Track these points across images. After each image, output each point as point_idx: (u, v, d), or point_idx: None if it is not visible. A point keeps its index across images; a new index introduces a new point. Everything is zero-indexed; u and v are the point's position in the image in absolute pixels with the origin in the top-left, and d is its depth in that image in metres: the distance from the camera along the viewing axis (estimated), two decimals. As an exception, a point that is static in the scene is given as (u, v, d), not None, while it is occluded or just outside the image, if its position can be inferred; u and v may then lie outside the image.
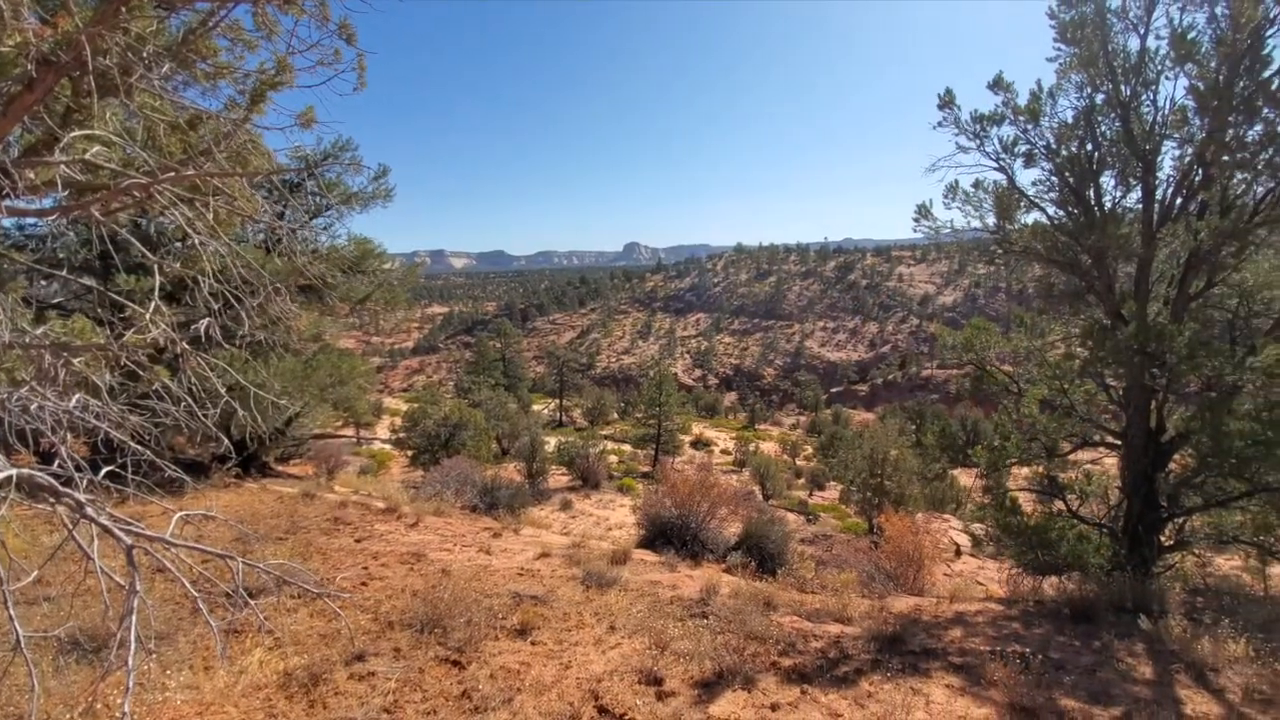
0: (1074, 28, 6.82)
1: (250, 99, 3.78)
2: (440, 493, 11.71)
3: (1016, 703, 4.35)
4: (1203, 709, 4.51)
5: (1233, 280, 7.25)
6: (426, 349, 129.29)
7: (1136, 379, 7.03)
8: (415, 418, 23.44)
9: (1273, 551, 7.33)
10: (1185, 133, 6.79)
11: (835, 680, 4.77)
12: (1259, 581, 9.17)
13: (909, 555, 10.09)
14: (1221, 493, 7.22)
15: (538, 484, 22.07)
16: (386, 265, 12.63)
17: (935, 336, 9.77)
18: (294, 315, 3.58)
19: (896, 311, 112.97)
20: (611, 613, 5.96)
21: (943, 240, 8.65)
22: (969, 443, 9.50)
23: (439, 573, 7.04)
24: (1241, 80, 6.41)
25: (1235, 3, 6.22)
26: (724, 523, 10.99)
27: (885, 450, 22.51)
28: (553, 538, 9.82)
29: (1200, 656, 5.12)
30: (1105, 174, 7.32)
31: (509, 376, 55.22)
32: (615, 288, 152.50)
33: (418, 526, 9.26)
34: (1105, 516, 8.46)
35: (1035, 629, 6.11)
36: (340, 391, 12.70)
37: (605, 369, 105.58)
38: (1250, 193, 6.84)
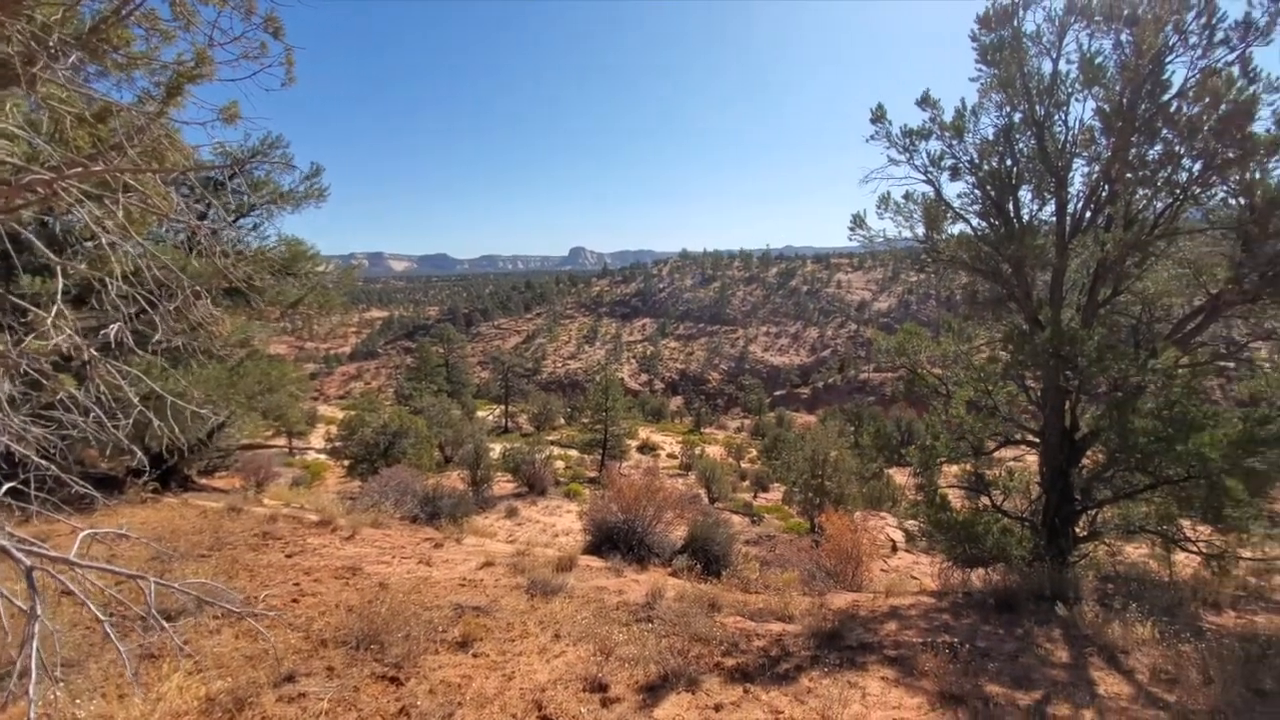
0: (993, 50, 7.24)
1: (167, 92, 3.58)
2: (378, 503, 11.32)
3: (946, 691, 4.55)
4: (1114, 689, 4.82)
5: (1136, 288, 7.84)
6: (365, 354, 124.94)
7: (1052, 381, 7.48)
8: (352, 426, 22.62)
9: (1175, 540, 7.92)
10: (1093, 151, 7.30)
11: (777, 678, 4.86)
12: (1164, 568, 9.87)
13: (848, 553, 10.41)
14: (1129, 486, 7.76)
15: (482, 492, 21.63)
16: (320, 267, 12.13)
17: (871, 341, 10.16)
18: (216, 320, 3.40)
19: (836, 317, 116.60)
20: (556, 621, 5.90)
21: (877, 249, 8.99)
22: (903, 443, 9.90)
23: (376, 586, 6.80)
24: (1143, 103, 6.95)
25: (1138, 31, 6.74)
26: (670, 526, 11.07)
27: (826, 451, 23.15)
28: (497, 546, 9.64)
29: (1111, 640, 5.48)
30: (1023, 188, 7.78)
31: (452, 382, 54.00)
32: (561, 292, 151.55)
33: (354, 539, 8.93)
34: (1026, 510, 8.96)
35: (964, 619, 6.40)
36: (270, 399, 12.11)
37: (551, 374, 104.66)
38: (1151, 208, 7.41)
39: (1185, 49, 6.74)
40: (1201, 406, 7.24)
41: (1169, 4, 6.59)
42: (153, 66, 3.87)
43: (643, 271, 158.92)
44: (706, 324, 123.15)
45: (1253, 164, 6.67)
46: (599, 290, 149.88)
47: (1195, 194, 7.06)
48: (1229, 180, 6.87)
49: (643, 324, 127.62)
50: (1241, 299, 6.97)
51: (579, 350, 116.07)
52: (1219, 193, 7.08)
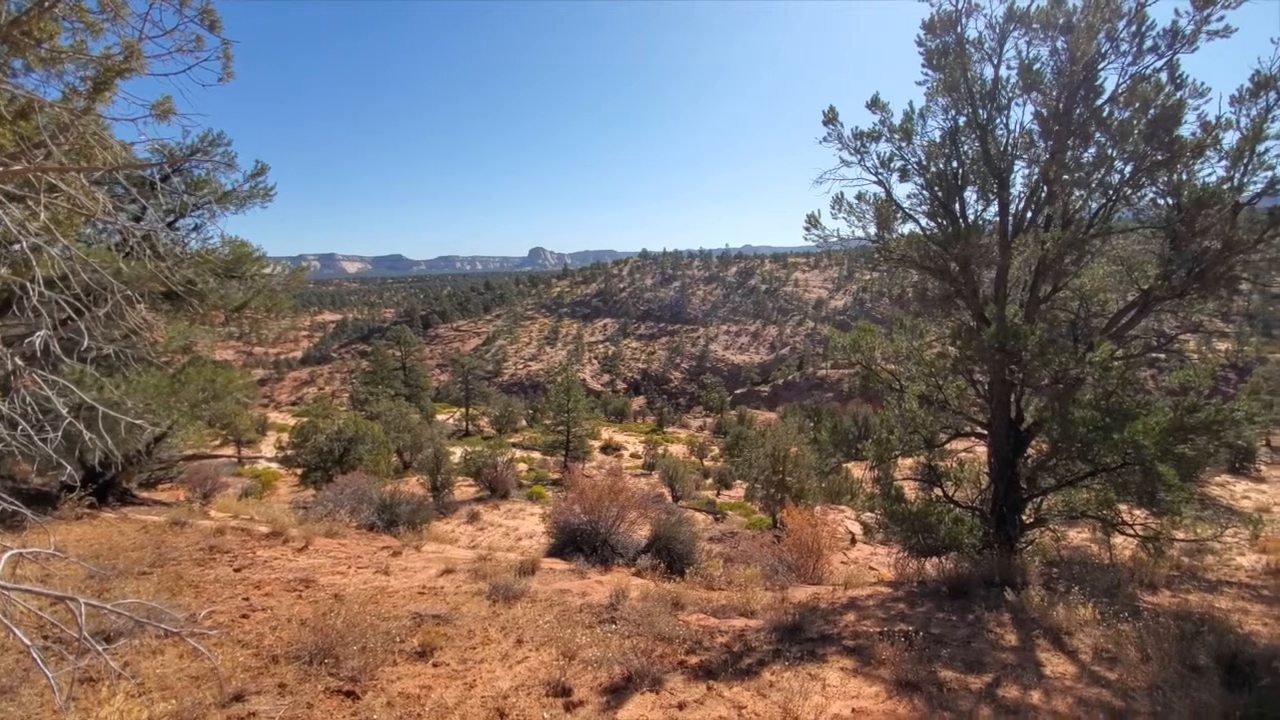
0: (938, 55, 7.46)
1: (94, 87, 3.40)
2: (333, 512, 11.00)
3: (902, 679, 4.67)
4: (1060, 669, 5.03)
5: (1074, 285, 8.19)
6: (318, 359, 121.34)
7: (998, 375, 7.76)
8: (305, 433, 21.92)
9: (1113, 524, 8.31)
10: (1033, 154, 7.60)
11: (739, 673, 4.91)
12: (1104, 551, 10.34)
13: (808, 547, 10.60)
14: (1070, 474, 8.10)
15: (443, 497, 21.24)
16: (267, 269, 11.70)
17: (828, 339, 10.38)
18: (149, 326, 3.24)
19: (794, 315, 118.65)
20: (519, 626, 5.83)
21: (832, 248, 9.18)
22: (860, 437, 10.11)
23: (331, 598, 6.60)
24: (1078, 108, 7.26)
25: (1072, 38, 7.04)
26: (633, 526, 11.07)
27: (786, 448, 23.50)
28: (458, 552, 9.48)
29: (1056, 622, 5.71)
30: (968, 189, 8.05)
31: (410, 386, 52.86)
32: (521, 293, 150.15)
33: (307, 550, 8.65)
34: (976, 500, 9.26)
35: (919, 608, 6.58)
36: (215, 407, 11.62)
37: (512, 376, 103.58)
38: (1086, 208, 7.75)
39: (1117, 56, 7.08)
40: (1135, 397, 7.62)
41: (1102, 13, 6.91)
42: (80, 60, 3.68)
43: (603, 271, 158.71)
44: (667, 323, 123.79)
45: (1180, 166, 7.05)
46: (560, 291, 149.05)
47: (1127, 195, 7.42)
48: (1158, 181, 7.24)
49: (604, 324, 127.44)
50: (1170, 294, 7.36)
51: (540, 351, 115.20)
52: (1149, 193, 7.46)
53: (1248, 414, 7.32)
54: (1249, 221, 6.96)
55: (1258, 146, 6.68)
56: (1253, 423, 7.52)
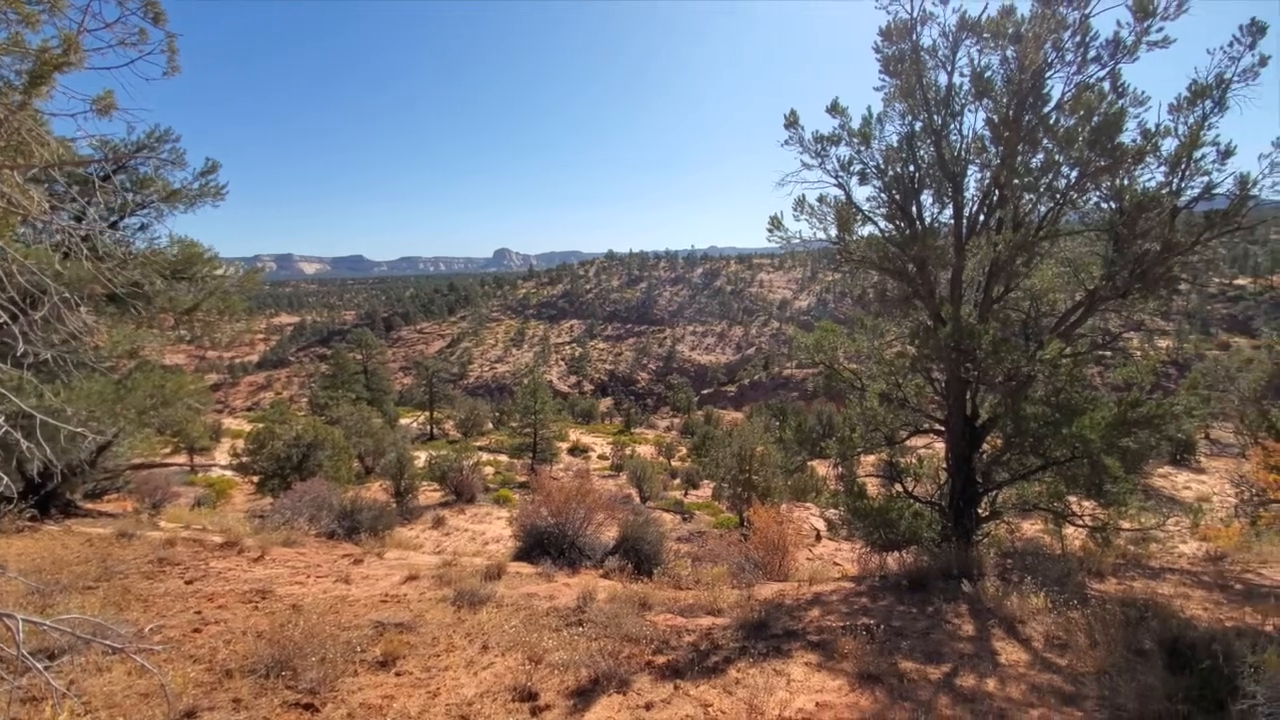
0: (895, 62, 7.65)
1: (30, 80, 3.24)
2: (291, 520, 10.70)
3: (864, 671, 4.76)
4: (1014, 657, 5.20)
5: (1025, 286, 8.48)
6: (275, 363, 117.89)
7: (954, 373, 7.99)
8: (261, 439, 21.25)
9: (1064, 515, 8.63)
10: (985, 159, 7.85)
11: (706, 671, 4.94)
12: (1056, 541, 10.73)
13: (775, 544, 10.73)
14: (1023, 468, 8.39)
15: (407, 502, 20.85)
16: (219, 270, 11.31)
17: (792, 339, 10.52)
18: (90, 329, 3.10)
19: (759, 315, 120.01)
20: (484, 631, 5.76)
21: (794, 249, 9.30)
22: (823, 435, 10.30)
23: (289, 609, 6.42)
24: (1027, 115, 7.53)
25: (1021, 47, 7.30)
26: (601, 528, 11.05)
27: (752, 447, 23.76)
28: (422, 558, 9.32)
29: (1011, 611, 5.90)
30: (925, 192, 8.26)
31: (372, 390, 51.73)
32: (486, 295, 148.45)
33: (263, 560, 8.39)
34: (935, 495, 9.51)
35: (881, 601, 6.73)
36: (165, 414, 11.19)
37: (478, 379, 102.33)
38: (1035, 211, 8.04)
39: (1063, 65, 7.36)
40: (1083, 393, 7.93)
41: (1048, 23, 7.17)
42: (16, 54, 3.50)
43: (569, 273, 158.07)
44: (634, 324, 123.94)
45: (1121, 172, 7.36)
46: (525, 292, 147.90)
47: (1073, 199, 7.72)
48: (1101, 186, 7.55)
49: (570, 325, 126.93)
50: (1114, 294, 7.68)
51: (506, 353, 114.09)
52: (1093, 198, 7.77)
53: (1187, 408, 7.69)
54: (1186, 225, 7.31)
55: (1194, 153, 7.02)
56: (1191, 416, 7.90)
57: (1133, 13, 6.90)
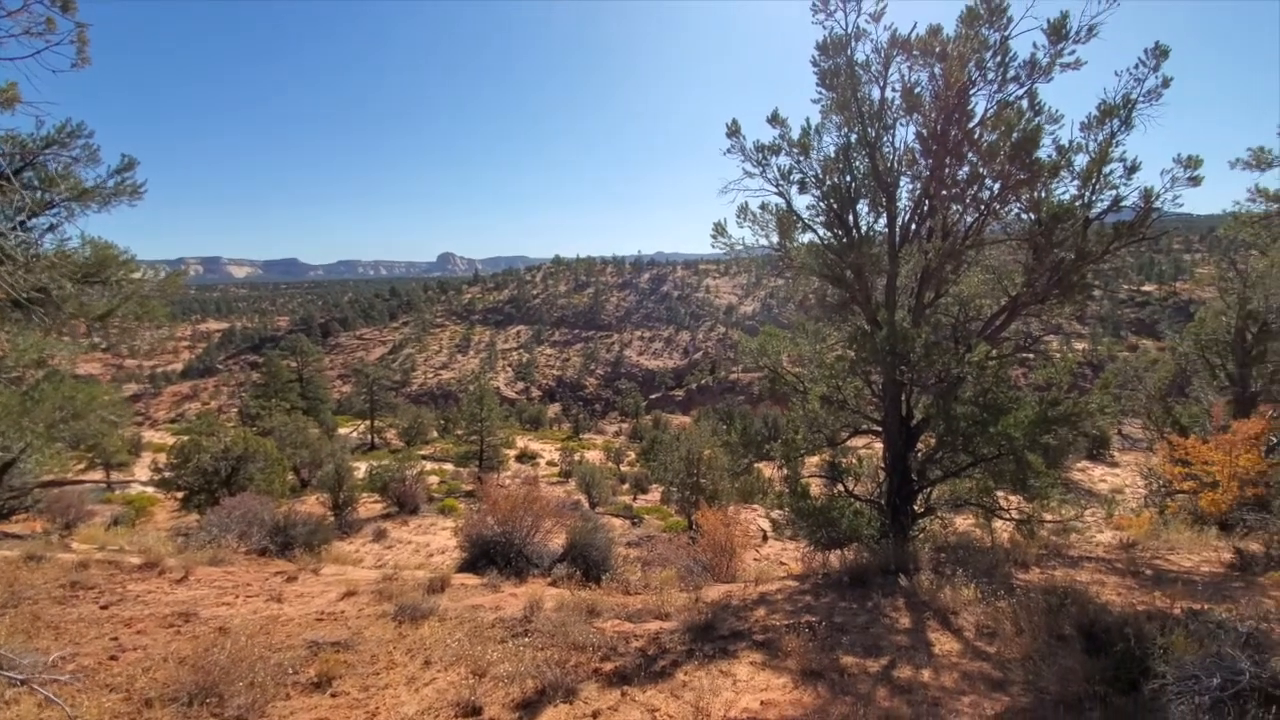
0: (831, 75, 7.92)
1: (-87, 66, 2.98)
2: (218, 538, 10.14)
3: (807, 668, 4.87)
4: (947, 647, 5.42)
5: (954, 292, 8.90)
6: (201, 371, 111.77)
7: (890, 375, 8.30)
8: (186, 452, 20.05)
9: (992, 509, 9.08)
10: (915, 170, 8.21)
11: (653, 676, 4.95)
12: (986, 535, 11.27)
13: (722, 546, 10.84)
14: (954, 465, 8.78)
15: (346, 515, 20.08)
16: (136, 274, 10.62)
17: (738, 343, 10.70)
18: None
19: (706, 320, 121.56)
20: (427, 646, 5.60)
21: (739, 256, 9.46)
22: (769, 438, 10.50)
23: (215, 632, 6.07)
24: (953, 130, 7.91)
25: (947, 66, 7.67)
26: (549, 535, 10.92)
27: (700, 451, 24.01)
28: (362, 573, 8.98)
29: (944, 603, 6.15)
30: (861, 202, 8.57)
31: (308, 398, 49.66)
32: (430, 300, 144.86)
33: (187, 581, 7.92)
34: (874, 493, 9.84)
35: (823, 598, 6.89)
36: (76, 427, 10.44)
37: (422, 386, 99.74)
38: (962, 221, 8.45)
39: (985, 83, 7.78)
40: (1008, 393, 8.37)
41: (971, 43, 7.57)
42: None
43: (516, 278, 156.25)
44: (582, 330, 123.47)
45: (1039, 185, 7.83)
46: (471, 297, 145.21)
47: (996, 209, 8.17)
48: (1021, 198, 8.02)
49: (517, 331, 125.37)
50: (1034, 299, 8.16)
51: (451, 360, 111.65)
52: (1014, 209, 8.24)
53: (1100, 406, 8.22)
54: (1098, 235, 7.84)
55: (1104, 168, 7.54)
56: (1104, 414, 8.45)
57: (1048, 36, 7.37)
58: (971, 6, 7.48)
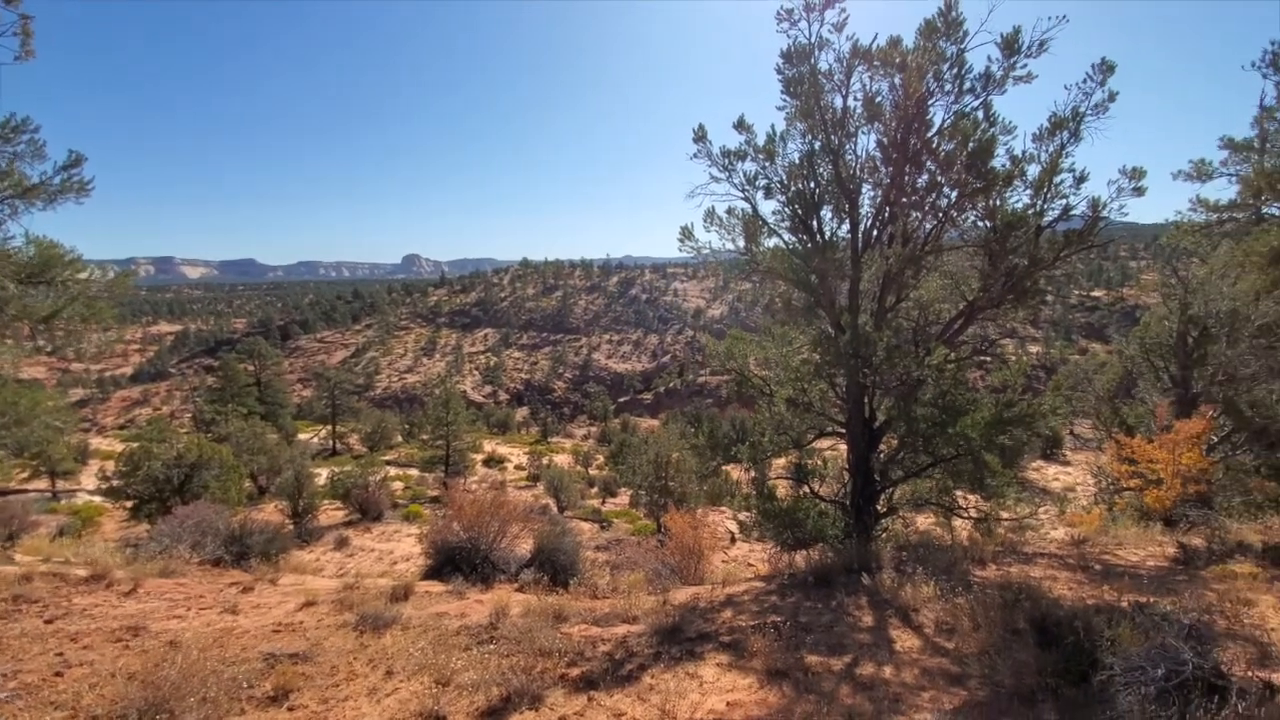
0: (795, 83, 8.05)
1: None
2: (170, 548, 9.77)
3: (772, 668, 4.92)
4: (908, 644, 5.54)
5: (914, 296, 9.12)
6: (152, 375, 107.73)
7: (853, 378, 8.45)
8: (136, 459, 19.30)
9: (951, 508, 9.32)
10: (877, 178, 8.40)
11: (620, 680, 4.94)
12: (946, 533, 11.56)
13: (690, 548, 10.89)
14: (915, 465, 9.00)
15: (306, 523, 19.57)
16: (83, 274, 10.19)
17: (705, 346, 10.77)
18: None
19: (674, 324, 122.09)
20: (389, 656, 5.49)
21: (706, 260, 9.54)
22: (736, 441, 10.60)
23: (165, 646, 5.85)
24: (913, 139, 8.12)
25: (906, 76, 7.87)
26: (516, 540, 10.81)
27: (668, 454, 24.09)
28: (322, 583, 8.76)
29: (905, 601, 6.29)
30: (825, 208, 8.73)
31: (267, 403, 48.26)
32: (395, 302, 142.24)
33: (136, 594, 7.61)
34: (839, 494, 10.01)
35: (789, 598, 6.98)
36: (19, 434, 9.93)
37: (386, 390, 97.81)
38: (922, 228, 8.68)
39: (943, 94, 8.01)
40: (966, 395, 8.61)
41: (929, 55, 7.79)
42: None
43: (483, 280, 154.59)
44: (550, 333, 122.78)
45: (994, 193, 8.09)
46: (437, 300, 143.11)
47: (953, 217, 8.41)
48: (977, 206, 8.27)
49: (485, 334, 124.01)
50: (990, 304, 8.42)
51: (416, 363, 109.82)
52: (971, 216, 8.50)
53: (1052, 407, 8.53)
54: (1049, 242, 8.14)
55: (1054, 178, 7.83)
56: (1056, 415, 8.76)
57: (1001, 49, 7.62)
58: (930, 19, 7.70)
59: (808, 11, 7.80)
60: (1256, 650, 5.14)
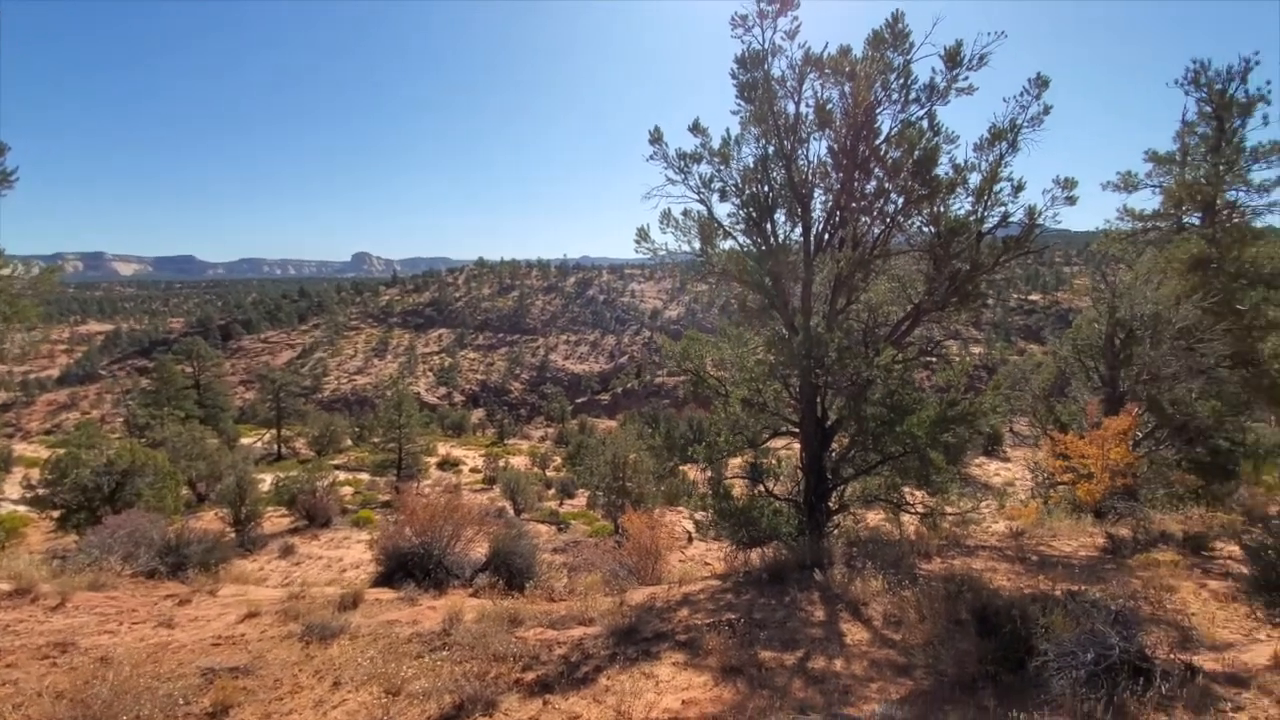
0: (749, 88, 8.19)
1: None
2: (100, 560, 9.25)
3: (727, 665, 4.99)
4: (858, 637, 5.69)
5: (864, 299, 9.38)
6: (81, 378, 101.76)
7: (807, 378, 8.64)
8: (63, 467, 18.19)
9: (900, 504, 9.61)
10: (828, 183, 8.62)
11: (576, 682, 4.92)
12: (895, 528, 11.92)
13: (648, 549, 10.91)
14: (865, 463, 9.25)
15: (249, 531, 18.82)
16: (4, 270, 9.57)
17: (662, 347, 10.83)
18: None
19: (631, 325, 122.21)
20: (337, 667, 5.33)
21: (662, 261, 9.60)
22: (693, 441, 10.69)
23: (96, 663, 5.54)
24: (862, 146, 8.36)
25: (855, 85, 8.10)
26: (471, 544, 10.64)
27: (626, 454, 24.10)
28: (265, 593, 8.45)
29: (855, 595, 6.46)
30: (778, 211, 8.90)
31: (206, 406, 46.17)
32: (344, 301, 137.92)
33: (64, 608, 7.18)
34: (792, 492, 10.20)
35: (744, 596, 7.08)
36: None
37: (335, 391, 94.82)
38: (870, 233, 8.93)
39: (890, 103, 8.27)
40: (912, 394, 8.90)
41: (877, 65, 8.03)
42: None
43: (437, 279, 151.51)
44: (507, 333, 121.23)
45: (938, 200, 8.40)
46: (389, 299, 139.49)
47: (901, 222, 8.70)
48: (923, 212, 8.57)
49: (439, 334, 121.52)
50: (935, 307, 8.73)
51: (367, 364, 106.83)
52: (916, 222, 8.80)
53: (992, 406, 8.88)
54: (989, 248, 8.49)
55: (994, 187, 8.18)
56: (996, 413, 9.14)
57: (944, 62, 7.92)
58: (878, 30, 7.94)
59: (761, 18, 7.95)
60: (1178, 634, 5.48)
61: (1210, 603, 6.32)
